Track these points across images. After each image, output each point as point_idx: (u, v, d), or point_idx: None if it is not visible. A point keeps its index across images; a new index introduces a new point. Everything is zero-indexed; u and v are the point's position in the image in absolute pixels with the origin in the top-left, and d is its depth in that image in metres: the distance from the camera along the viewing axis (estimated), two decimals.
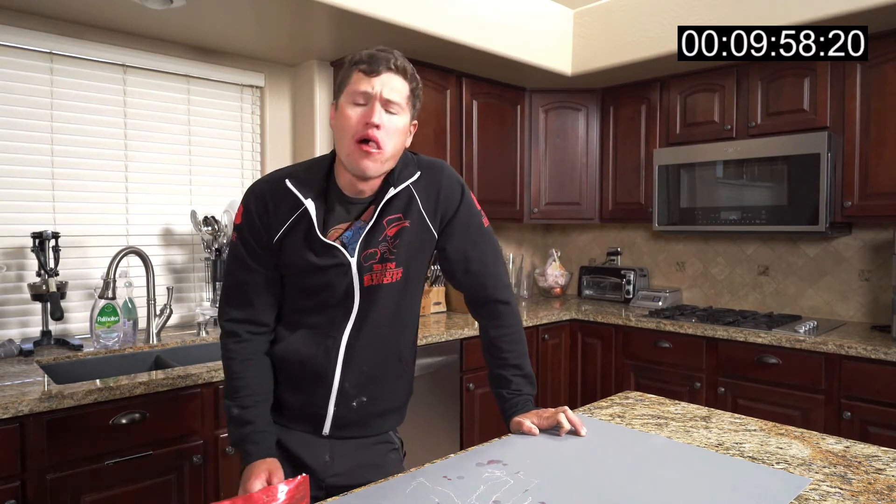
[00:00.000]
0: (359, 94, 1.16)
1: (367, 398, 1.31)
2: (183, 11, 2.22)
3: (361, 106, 1.16)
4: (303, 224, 1.23)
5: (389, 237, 1.24)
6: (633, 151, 3.37)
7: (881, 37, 2.47)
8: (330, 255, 1.22)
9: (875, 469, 1.10)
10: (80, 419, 1.67)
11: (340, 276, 1.23)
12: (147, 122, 2.56)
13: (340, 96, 1.20)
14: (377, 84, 1.16)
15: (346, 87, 1.19)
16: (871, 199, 2.54)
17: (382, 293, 1.26)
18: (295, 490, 0.87)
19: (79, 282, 2.39)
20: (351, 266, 1.23)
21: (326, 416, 1.29)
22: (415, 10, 2.46)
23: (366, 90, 1.16)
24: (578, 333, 3.26)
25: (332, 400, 1.28)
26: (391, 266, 1.25)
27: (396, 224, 1.24)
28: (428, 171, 1.29)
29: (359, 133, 1.15)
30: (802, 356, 2.46)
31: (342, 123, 1.18)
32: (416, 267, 1.30)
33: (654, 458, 1.15)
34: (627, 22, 2.98)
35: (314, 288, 1.25)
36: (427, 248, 1.31)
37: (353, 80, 1.18)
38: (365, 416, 1.33)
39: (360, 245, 1.23)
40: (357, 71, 1.17)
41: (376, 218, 1.23)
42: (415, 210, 1.26)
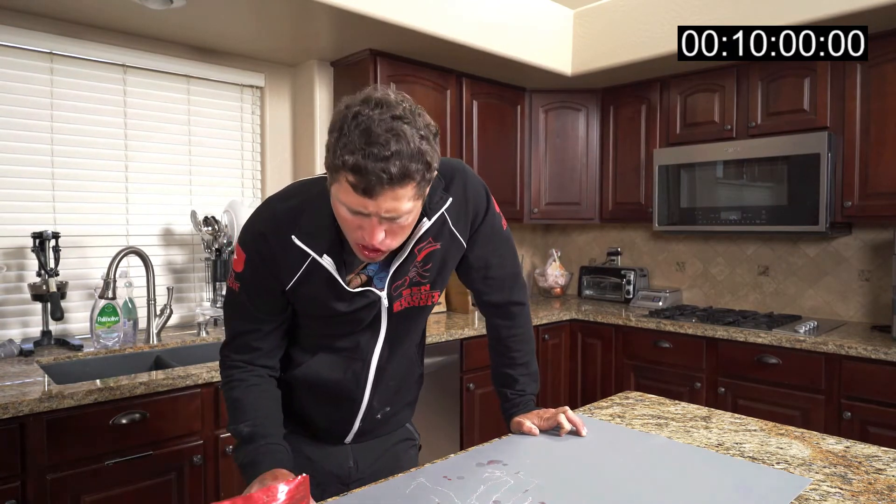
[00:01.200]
0: (351, 208, 0.95)
1: (390, 408, 1.30)
2: (183, 11, 2.22)
3: (355, 216, 0.96)
4: (319, 275, 1.09)
5: (419, 262, 1.15)
6: (633, 151, 3.37)
7: (881, 37, 2.47)
8: (359, 298, 1.13)
9: (875, 469, 1.10)
10: (81, 419, 1.67)
11: (370, 311, 1.15)
12: (147, 122, 2.56)
13: (331, 183, 0.97)
14: (372, 206, 0.93)
15: (334, 182, 0.95)
16: (871, 199, 2.54)
17: (413, 313, 1.20)
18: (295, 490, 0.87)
19: (79, 282, 2.39)
20: (382, 299, 1.15)
21: (351, 430, 1.27)
22: (415, 10, 2.46)
23: (359, 210, 0.94)
24: (578, 333, 3.26)
25: (358, 416, 1.25)
26: (425, 289, 1.19)
27: (427, 248, 1.15)
28: (455, 188, 1.16)
29: (358, 241, 1.00)
30: (802, 356, 2.46)
31: (339, 220, 1.01)
32: (444, 282, 1.23)
33: (654, 458, 1.15)
34: (627, 22, 2.98)
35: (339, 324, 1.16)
36: (456, 259, 1.23)
37: (342, 186, 0.93)
38: (387, 421, 1.32)
39: (390, 278, 1.14)
40: (346, 181, 0.92)
41: (409, 251, 1.12)
42: (446, 232, 1.17)
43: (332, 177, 0.95)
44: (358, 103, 0.93)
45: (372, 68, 2.72)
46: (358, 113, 0.91)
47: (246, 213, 2.58)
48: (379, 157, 0.89)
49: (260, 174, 2.93)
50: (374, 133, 0.89)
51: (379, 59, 2.74)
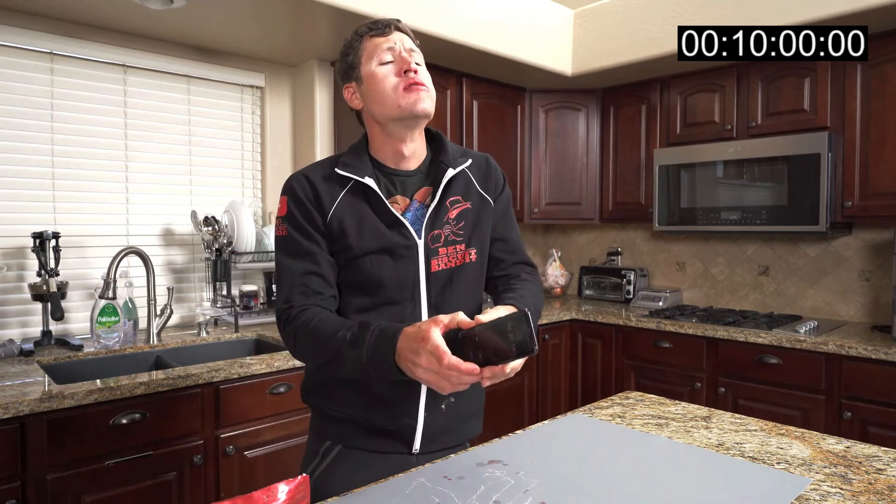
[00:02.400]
0: (383, 52, 1.17)
1: (455, 397, 1.24)
2: (183, 11, 2.22)
3: (389, 63, 1.17)
4: (360, 199, 1.17)
5: (452, 219, 1.21)
6: (633, 151, 3.37)
7: (881, 37, 2.47)
8: (398, 231, 1.16)
9: (875, 469, 1.10)
10: (81, 419, 1.67)
11: (407, 263, 1.16)
12: (147, 122, 2.56)
13: (359, 68, 1.19)
14: (395, 40, 1.18)
15: (362, 56, 1.19)
16: (871, 199, 2.54)
17: (455, 277, 1.21)
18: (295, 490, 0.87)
19: (79, 282, 2.39)
20: (418, 249, 1.17)
21: (417, 425, 1.21)
22: (415, 10, 2.46)
23: (389, 46, 1.17)
24: (579, 333, 3.26)
25: (422, 403, 1.20)
26: (461, 248, 1.22)
27: (458, 206, 1.22)
28: (475, 157, 1.30)
29: (402, 82, 1.15)
30: (803, 356, 2.46)
31: (377, 86, 1.17)
32: (486, 246, 1.28)
33: (654, 458, 1.15)
34: (627, 22, 2.98)
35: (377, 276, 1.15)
36: (487, 220, 1.28)
37: (369, 47, 1.18)
38: (453, 422, 1.26)
39: (426, 226, 1.18)
40: (368, 37, 1.19)
41: (440, 198, 1.20)
42: (473, 191, 1.26)
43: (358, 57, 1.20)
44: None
45: None
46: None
47: (246, 213, 2.58)
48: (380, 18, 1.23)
49: (260, 174, 2.93)
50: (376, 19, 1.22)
51: None
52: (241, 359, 2.06)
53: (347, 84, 1.24)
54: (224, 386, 1.95)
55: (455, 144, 1.30)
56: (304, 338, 1.10)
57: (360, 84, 1.20)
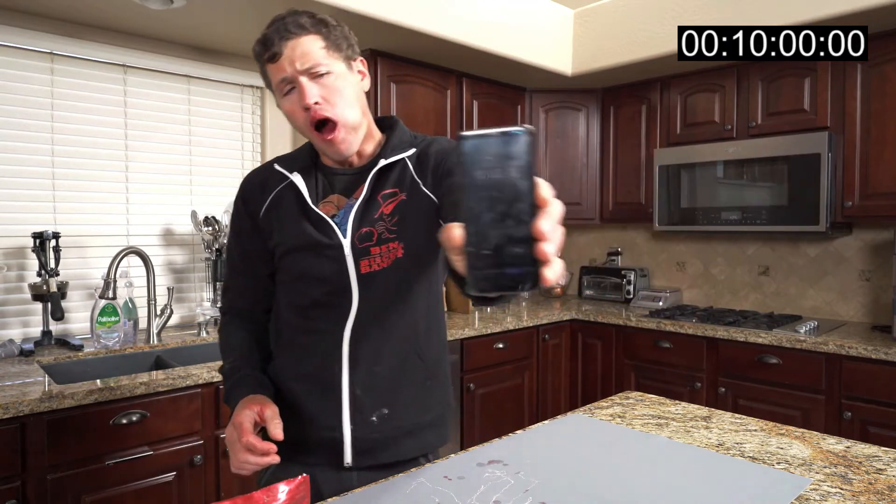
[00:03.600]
0: (281, 85, 1.07)
1: (388, 409, 1.13)
2: (183, 11, 2.22)
3: (291, 92, 1.07)
4: (290, 196, 1.15)
5: (386, 215, 1.11)
6: (633, 151, 3.37)
7: (881, 37, 2.47)
8: (322, 230, 1.11)
9: (876, 469, 1.10)
10: (81, 419, 1.67)
11: (332, 261, 1.10)
12: (147, 122, 2.56)
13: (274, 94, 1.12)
14: (286, 64, 1.04)
15: (270, 82, 1.10)
16: (871, 199, 2.54)
17: (385, 277, 1.11)
18: (296, 490, 0.87)
19: (79, 282, 2.39)
20: (344, 248, 1.10)
21: (344, 438, 1.12)
22: (415, 10, 2.46)
23: (282, 77, 1.05)
24: (579, 333, 3.26)
25: (345, 415, 1.12)
26: (394, 245, 1.11)
27: (392, 200, 1.11)
28: (422, 144, 1.17)
29: (306, 120, 1.07)
30: (803, 356, 2.46)
31: (291, 120, 1.11)
32: (420, 243, 1.12)
33: (654, 458, 1.15)
34: (627, 22, 2.98)
35: (304, 276, 1.13)
36: (429, 219, 1.12)
37: (270, 74, 1.08)
38: (393, 437, 1.14)
39: (353, 223, 1.10)
40: (266, 63, 1.07)
41: (369, 193, 1.11)
42: (408, 180, 1.13)
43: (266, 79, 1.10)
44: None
45: (372, 68, 2.72)
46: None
47: None
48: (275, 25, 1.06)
49: None
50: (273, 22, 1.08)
51: (379, 59, 2.74)
52: None
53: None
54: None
55: (412, 134, 1.20)
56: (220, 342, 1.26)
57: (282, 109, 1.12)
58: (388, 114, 2.75)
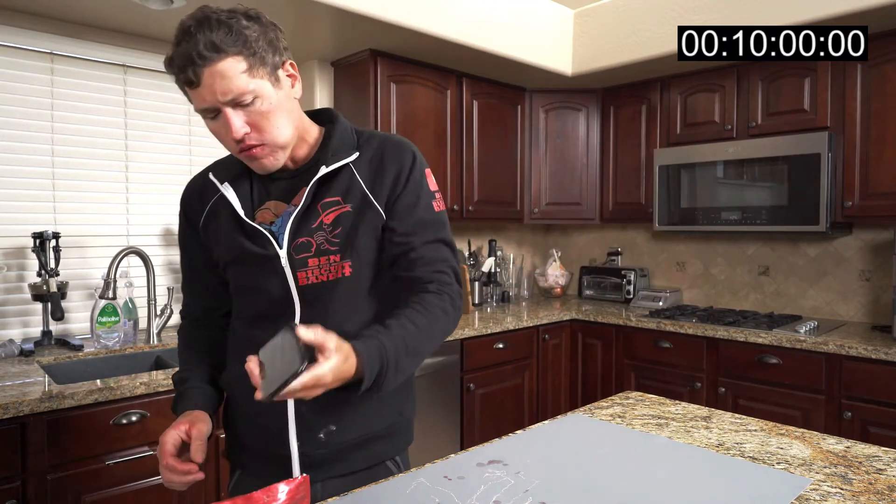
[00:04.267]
0: (203, 111, 0.98)
1: (336, 426, 1.08)
2: (183, 11, 2.22)
3: (214, 119, 0.98)
4: (224, 207, 1.10)
5: (326, 224, 1.04)
6: (633, 151, 3.37)
7: (881, 37, 2.47)
8: (258, 242, 1.06)
9: (876, 469, 1.10)
10: (81, 419, 1.67)
11: (270, 273, 1.06)
12: (147, 122, 2.56)
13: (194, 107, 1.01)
14: (206, 94, 0.94)
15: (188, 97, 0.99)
16: (871, 199, 2.54)
17: (331, 291, 1.06)
18: (295, 490, 0.87)
19: (79, 282, 2.39)
20: (280, 259, 1.04)
21: (291, 454, 1.08)
22: (415, 10, 2.46)
23: (203, 107, 0.96)
24: (579, 333, 3.26)
25: (291, 433, 1.07)
26: (335, 259, 1.05)
27: (335, 209, 1.05)
28: (370, 146, 1.09)
29: (234, 147, 1.01)
30: (803, 356, 2.46)
31: (218, 139, 1.03)
32: (369, 258, 1.08)
33: (654, 458, 1.15)
34: (627, 22, 2.98)
35: (247, 288, 1.11)
36: (372, 228, 1.07)
37: (188, 95, 0.98)
38: (342, 451, 1.10)
39: (290, 233, 1.04)
40: (180, 82, 0.96)
41: (309, 201, 1.05)
42: (356, 191, 1.06)
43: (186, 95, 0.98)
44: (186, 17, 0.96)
45: (372, 68, 2.72)
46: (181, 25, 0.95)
47: None
48: (188, 44, 0.91)
49: None
50: (183, 28, 0.93)
51: (379, 59, 2.74)
52: None
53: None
54: None
55: (355, 130, 1.12)
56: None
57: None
58: (385, 114, 2.75)
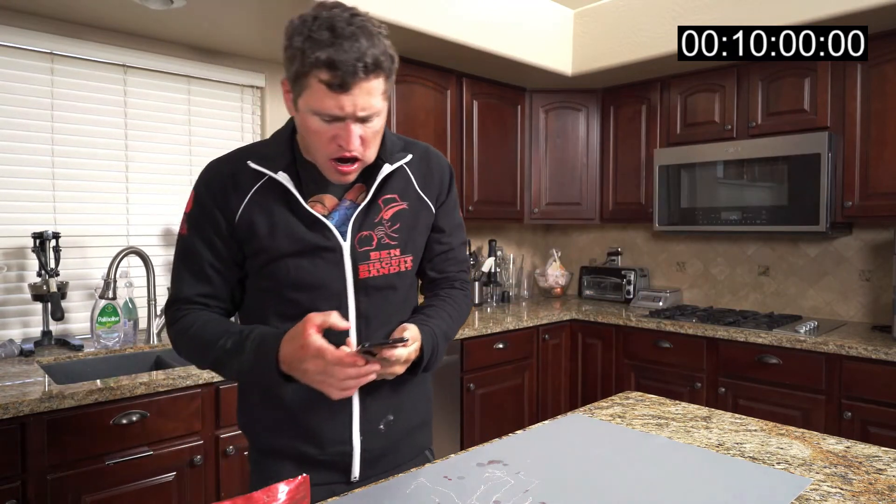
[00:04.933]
0: (329, 109, 0.94)
1: (394, 415, 1.13)
2: (183, 12, 2.22)
3: (329, 123, 0.96)
4: (274, 196, 1.04)
5: (386, 220, 1.09)
6: (633, 151, 3.37)
7: (881, 37, 2.47)
8: (319, 232, 1.04)
9: (876, 469, 1.10)
10: (81, 419, 1.67)
11: (332, 266, 1.05)
12: (147, 123, 2.56)
13: (298, 97, 0.97)
14: (348, 104, 0.93)
15: (304, 90, 0.95)
16: (871, 199, 2.54)
17: (390, 284, 1.10)
18: (295, 490, 0.87)
19: (79, 282, 2.39)
20: (343, 252, 1.05)
21: (353, 451, 1.09)
22: (415, 10, 2.46)
23: (334, 114, 0.94)
24: (579, 333, 3.26)
25: (355, 427, 1.09)
26: (395, 253, 1.10)
27: (393, 206, 1.10)
28: (416, 150, 1.16)
29: (333, 153, 0.98)
30: (803, 356, 2.46)
31: (308, 136, 0.99)
32: (420, 252, 1.17)
33: (654, 458, 1.15)
34: (627, 22, 2.98)
35: (302, 283, 1.04)
36: (425, 226, 1.16)
37: (313, 91, 0.93)
38: (395, 440, 1.14)
39: (353, 227, 1.06)
40: (319, 80, 0.92)
41: (371, 197, 1.07)
42: (411, 191, 1.13)
43: (301, 84, 0.94)
44: (313, 10, 0.94)
45: None
46: (316, 16, 0.93)
47: None
48: (350, 49, 0.90)
49: None
50: (339, 28, 0.91)
51: None
52: None
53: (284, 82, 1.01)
54: (224, 386, 1.95)
55: (396, 135, 1.16)
56: (185, 342, 1.06)
57: (296, 110, 1.00)
58: (388, 116, 2.75)
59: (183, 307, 1.08)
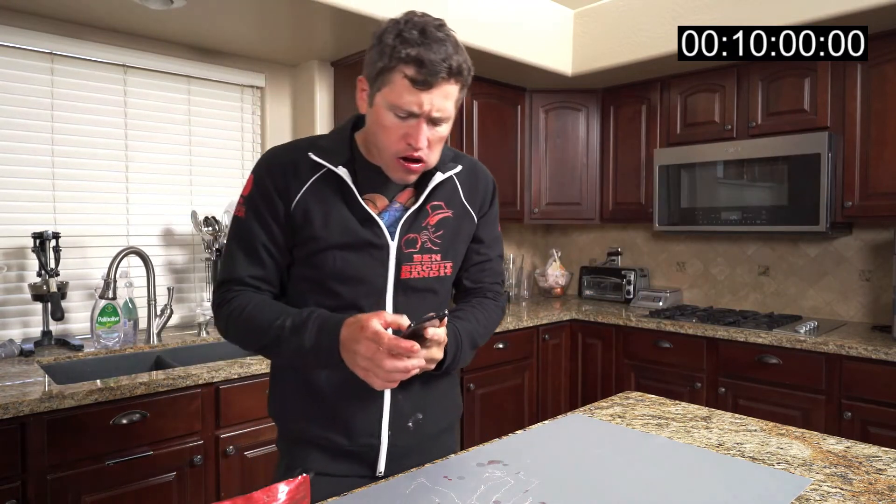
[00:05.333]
0: (407, 105, 0.99)
1: (422, 414, 1.17)
2: (183, 12, 2.22)
3: (403, 119, 1.01)
4: (331, 188, 1.08)
5: (431, 225, 1.13)
6: (633, 151, 3.37)
7: (881, 37, 2.47)
8: (369, 229, 1.08)
9: (876, 469, 1.10)
10: (81, 419, 1.67)
11: (377, 263, 1.09)
12: (147, 123, 2.56)
13: (376, 91, 1.02)
14: (426, 101, 0.99)
15: (385, 85, 1.00)
16: (871, 199, 2.54)
17: (429, 287, 1.15)
18: (295, 490, 0.87)
19: (79, 282, 2.39)
20: (390, 250, 1.09)
21: (381, 445, 1.13)
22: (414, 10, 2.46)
23: (411, 110, 0.99)
24: (579, 333, 3.26)
25: (385, 421, 1.12)
26: (436, 258, 1.15)
27: (439, 213, 1.15)
28: (465, 162, 1.22)
29: (401, 151, 1.03)
30: (803, 356, 2.46)
31: (379, 132, 1.04)
32: (459, 260, 1.22)
33: (654, 458, 1.15)
34: (627, 22, 2.98)
35: (346, 276, 1.08)
36: (467, 235, 1.22)
37: (395, 86, 0.98)
38: (422, 441, 1.18)
39: (402, 228, 1.10)
40: (404, 76, 0.97)
41: (422, 202, 1.12)
42: (457, 200, 1.18)
43: (384, 79, 0.99)
44: (404, 14, 1.04)
45: None
46: (409, 20, 1.01)
47: None
48: (438, 51, 0.98)
49: None
50: (429, 32, 1.00)
51: None
52: (241, 359, 2.06)
53: (361, 79, 1.07)
54: (224, 386, 1.95)
55: (447, 147, 1.21)
56: (239, 322, 1.06)
57: (370, 105, 1.05)
58: None
59: (234, 288, 1.10)
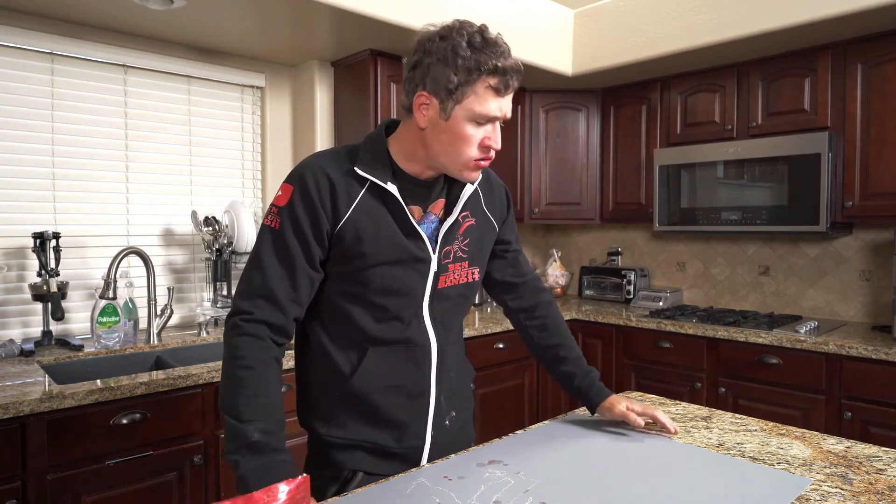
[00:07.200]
0: (488, 112, 1.04)
1: (455, 411, 1.24)
2: (183, 12, 2.22)
3: (482, 126, 1.06)
4: (378, 203, 1.09)
5: (459, 235, 1.18)
6: (633, 151, 3.37)
7: (881, 37, 2.47)
8: (414, 243, 1.12)
9: (876, 469, 1.10)
10: (81, 419, 1.67)
11: (420, 275, 1.13)
12: (147, 123, 2.56)
13: (455, 104, 1.04)
14: (505, 105, 1.07)
15: (466, 97, 1.03)
16: (871, 200, 2.54)
17: (459, 293, 1.20)
18: (296, 490, 0.87)
19: (79, 282, 2.39)
20: (431, 263, 1.14)
21: (424, 444, 1.19)
22: (415, 11, 2.46)
23: (494, 115, 1.05)
24: (579, 333, 3.26)
25: (429, 421, 1.19)
26: (464, 265, 1.20)
27: (466, 221, 1.20)
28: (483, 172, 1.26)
29: (480, 155, 1.08)
30: (803, 356, 2.46)
31: (458, 144, 1.06)
32: (484, 265, 1.28)
33: (654, 458, 1.15)
34: (627, 22, 2.98)
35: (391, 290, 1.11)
36: (490, 242, 1.28)
37: (480, 95, 1.03)
38: (454, 435, 1.25)
39: (442, 241, 1.15)
40: (488, 86, 1.03)
41: (457, 213, 1.16)
42: (479, 208, 1.24)
43: (466, 91, 1.03)
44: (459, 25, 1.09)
45: (372, 68, 2.72)
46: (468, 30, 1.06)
47: (247, 213, 2.58)
48: (509, 59, 1.05)
49: (260, 174, 2.94)
50: (499, 42, 1.06)
51: (379, 59, 2.74)
52: None
53: (425, 95, 1.05)
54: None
55: None
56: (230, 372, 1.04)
57: (445, 118, 1.05)
58: (385, 114, 2.76)
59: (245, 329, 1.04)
